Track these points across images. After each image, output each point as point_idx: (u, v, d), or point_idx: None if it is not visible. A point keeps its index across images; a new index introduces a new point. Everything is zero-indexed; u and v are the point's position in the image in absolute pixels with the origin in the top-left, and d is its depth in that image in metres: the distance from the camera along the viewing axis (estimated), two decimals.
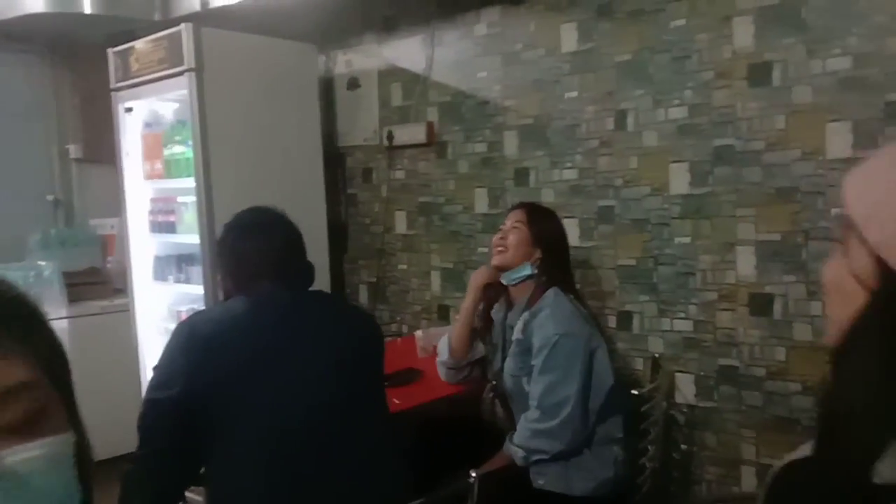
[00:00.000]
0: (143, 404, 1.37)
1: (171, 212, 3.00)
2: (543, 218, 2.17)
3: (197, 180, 2.74)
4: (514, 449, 1.92)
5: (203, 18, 2.98)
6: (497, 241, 2.16)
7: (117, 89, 3.07)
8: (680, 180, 2.37)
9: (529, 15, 2.72)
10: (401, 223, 3.26)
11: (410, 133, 3.10)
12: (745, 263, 2.26)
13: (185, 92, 2.74)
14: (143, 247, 3.18)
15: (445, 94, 3.01)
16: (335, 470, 1.35)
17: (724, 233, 2.29)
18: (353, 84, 3.33)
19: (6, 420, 0.47)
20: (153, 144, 3.06)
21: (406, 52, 3.13)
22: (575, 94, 2.62)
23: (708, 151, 2.31)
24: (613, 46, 2.50)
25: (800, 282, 2.16)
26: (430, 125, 3.06)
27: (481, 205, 2.94)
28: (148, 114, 3.10)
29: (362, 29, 3.28)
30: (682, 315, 2.40)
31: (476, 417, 2.37)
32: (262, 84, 2.93)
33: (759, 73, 2.19)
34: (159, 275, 3.15)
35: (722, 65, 2.26)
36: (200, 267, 2.84)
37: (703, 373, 2.36)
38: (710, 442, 2.37)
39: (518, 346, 2.01)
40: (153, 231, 3.11)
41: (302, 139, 3.12)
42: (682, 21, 2.33)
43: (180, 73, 2.74)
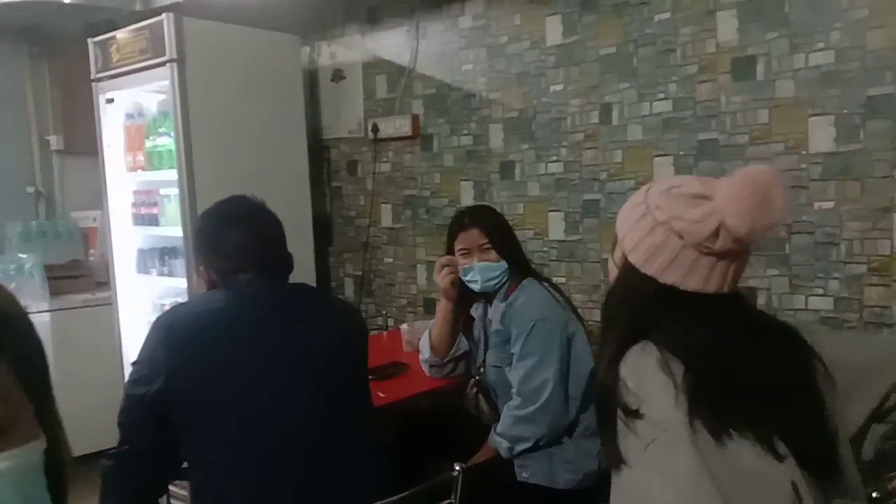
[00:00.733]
0: (123, 399, 1.35)
1: (154, 204, 2.97)
2: (498, 227, 2.10)
3: (179, 172, 2.72)
4: (498, 440, 1.92)
5: (185, 8, 2.94)
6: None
7: (98, 80, 3.03)
8: (664, 174, 2.38)
9: (514, 7, 2.71)
10: (386, 216, 3.25)
11: (395, 125, 3.08)
12: None
13: (167, 83, 2.70)
14: (126, 239, 3.15)
15: (430, 86, 3.00)
16: (321, 466, 1.34)
17: None
18: (338, 76, 3.31)
19: None
20: (135, 136, 3.02)
21: (390, 44, 3.12)
22: (560, 87, 2.62)
23: (692, 145, 2.32)
24: (598, 40, 2.50)
25: (782, 275, 2.18)
26: (415, 118, 3.04)
27: (467, 198, 2.93)
28: (130, 105, 3.06)
29: (346, 20, 3.25)
30: None
31: (461, 411, 2.38)
32: (246, 75, 2.91)
33: (743, 67, 2.20)
34: (142, 268, 3.12)
35: (706, 59, 2.27)
36: (184, 260, 2.82)
37: None
38: None
39: (498, 337, 2.02)
40: (136, 223, 3.08)
41: (286, 131, 3.10)
42: (667, 14, 2.34)
43: (162, 64, 2.70)
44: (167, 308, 1.54)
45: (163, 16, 2.69)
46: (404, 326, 2.72)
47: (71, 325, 3.20)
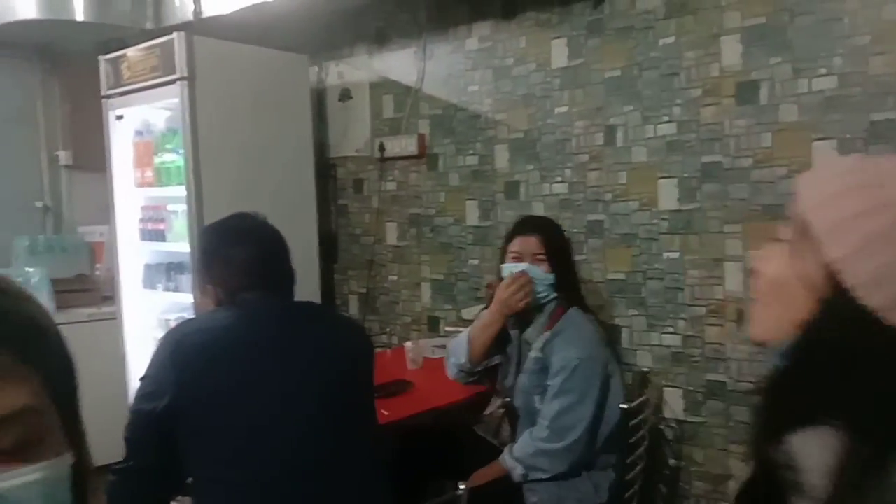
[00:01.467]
0: (130, 414, 1.36)
1: (162, 220, 2.99)
2: (559, 242, 2.09)
3: (188, 188, 2.74)
4: (513, 463, 1.91)
5: (195, 27, 2.99)
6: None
7: (108, 96, 3.07)
8: (668, 196, 2.40)
9: (520, 30, 2.75)
10: (391, 234, 3.27)
11: (402, 145, 3.11)
12: (733, 279, 2.28)
13: (176, 100, 2.74)
14: (133, 254, 3.17)
15: (437, 106, 3.03)
16: (326, 484, 1.34)
17: (712, 248, 2.31)
18: (345, 95, 3.34)
19: None
20: (144, 152, 3.06)
21: (398, 64, 3.15)
22: (565, 108, 2.64)
23: (696, 168, 2.33)
24: (603, 62, 2.53)
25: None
26: (421, 137, 3.07)
27: (472, 217, 2.95)
28: (139, 122, 3.10)
29: (354, 41, 3.29)
30: (671, 330, 2.41)
31: (462, 429, 2.36)
32: (254, 93, 2.94)
33: (747, 91, 2.22)
34: (148, 283, 3.14)
35: (710, 82, 2.29)
36: (190, 275, 2.83)
37: (691, 387, 2.38)
38: (697, 457, 2.38)
39: (536, 364, 1.99)
40: (143, 239, 3.10)
41: (293, 149, 3.13)
42: (671, 39, 2.36)
43: (172, 82, 2.74)
44: (172, 324, 1.55)
45: (173, 35, 2.73)
46: (409, 344, 2.73)
47: (76, 338, 3.05)
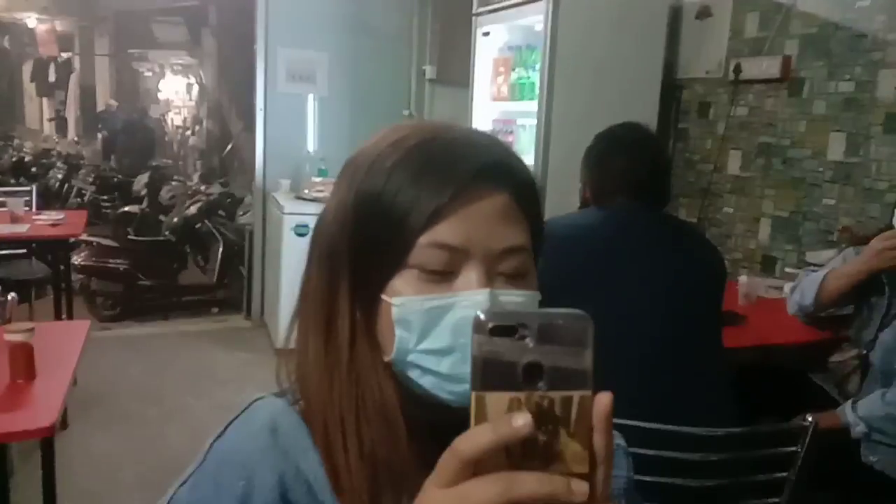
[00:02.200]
0: None
1: (511, 133, 3.25)
2: None
3: (539, 104, 2.91)
4: (855, 419, 1.76)
5: None
6: None
7: (478, 14, 3.35)
8: None
9: None
10: (734, 163, 3.10)
11: (762, 67, 2.88)
12: None
13: (540, 17, 2.88)
14: None
15: (812, 24, 2.73)
16: (672, 383, 1.42)
17: None
18: (704, 13, 3.18)
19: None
20: (503, 68, 3.30)
21: None
22: None
23: None
24: None
25: None
26: (786, 59, 2.81)
27: (836, 151, 2.65)
28: (502, 39, 3.33)
29: None
30: None
31: (797, 374, 2.24)
32: (614, 11, 2.96)
33: None
34: None
35: None
36: None
37: None
38: None
39: None
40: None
41: (642, 69, 3.10)
42: None
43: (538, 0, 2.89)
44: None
45: None
46: (743, 279, 2.62)
47: None
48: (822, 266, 2.11)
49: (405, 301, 0.61)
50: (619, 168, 1.52)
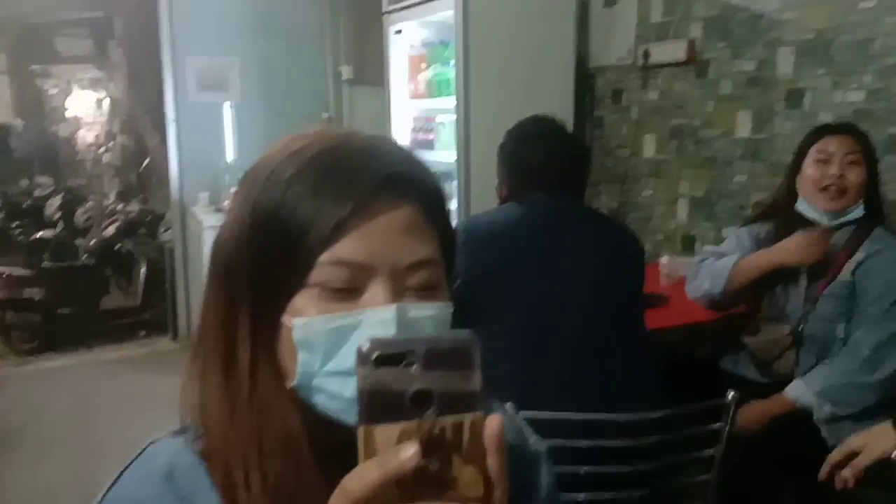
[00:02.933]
0: None
1: (431, 130, 3.23)
2: (871, 145, 1.87)
3: (458, 99, 2.90)
4: (815, 399, 1.77)
5: None
6: (831, 179, 1.82)
7: (388, 12, 3.31)
8: None
9: None
10: (649, 147, 3.17)
11: (669, 51, 2.95)
12: None
13: (450, 13, 2.87)
14: None
15: (713, 7, 2.81)
16: (596, 368, 1.44)
17: None
18: (611, 0, 3.23)
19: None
20: (417, 65, 3.28)
21: None
22: (871, 3, 2.29)
23: None
24: None
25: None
26: (691, 43, 2.88)
27: (744, 129, 2.74)
28: (413, 36, 3.31)
29: None
30: None
31: (712, 354, 2.26)
32: (523, 3, 2.98)
33: None
34: None
35: None
36: (455, 183, 3.04)
37: None
38: None
39: (843, 289, 1.82)
40: (414, 148, 3.36)
41: (555, 59, 3.13)
42: None
43: None
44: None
45: None
46: (664, 260, 2.69)
47: None
48: (716, 252, 2.10)
49: (307, 322, 0.58)
50: (532, 162, 1.53)
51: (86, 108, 11.96)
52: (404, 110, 3.42)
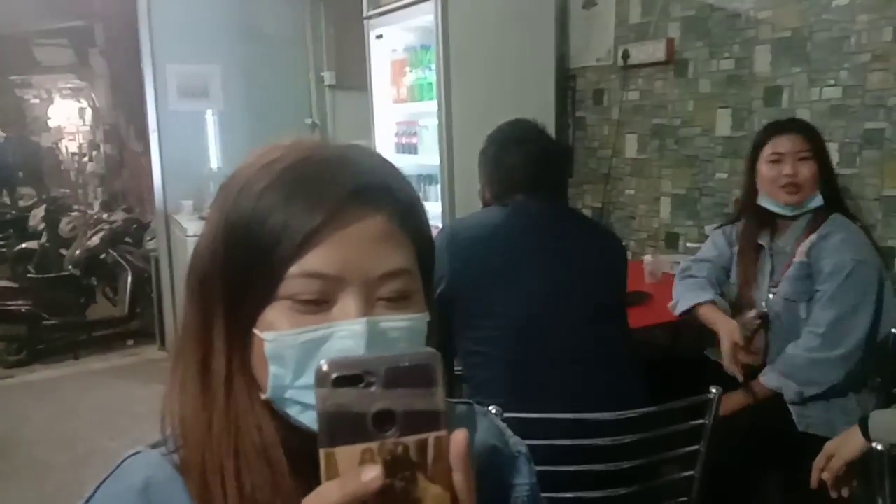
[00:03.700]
0: None
1: (414, 134, 3.23)
2: (823, 143, 1.95)
3: (439, 103, 2.91)
4: (783, 381, 1.81)
5: None
6: (786, 178, 1.90)
7: (369, 17, 3.32)
8: None
9: None
10: (631, 147, 3.19)
11: (648, 51, 2.98)
12: None
13: (430, 17, 2.88)
14: None
15: (690, 7, 2.84)
16: (582, 370, 1.45)
17: None
18: (590, 2, 3.26)
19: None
20: (399, 70, 3.28)
21: None
22: (846, 1, 2.32)
23: None
24: None
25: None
26: (670, 42, 2.91)
27: (723, 127, 2.77)
28: (395, 41, 3.31)
29: None
30: None
31: (697, 349, 2.30)
32: (502, 5, 2.99)
33: None
34: None
35: None
36: (439, 186, 3.05)
37: None
38: None
39: (801, 270, 1.88)
40: (397, 152, 3.38)
41: (535, 61, 3.14)
42: None
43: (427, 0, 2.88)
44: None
45: None
46: (647, 258, 2.71)
47: None
48: (696, 259, 2.20)
49: (277, 336, 0.58)
50: (513, 165, 1.54)
51: (68, 118, 11.87)
52: (387, 114, 3.42)
